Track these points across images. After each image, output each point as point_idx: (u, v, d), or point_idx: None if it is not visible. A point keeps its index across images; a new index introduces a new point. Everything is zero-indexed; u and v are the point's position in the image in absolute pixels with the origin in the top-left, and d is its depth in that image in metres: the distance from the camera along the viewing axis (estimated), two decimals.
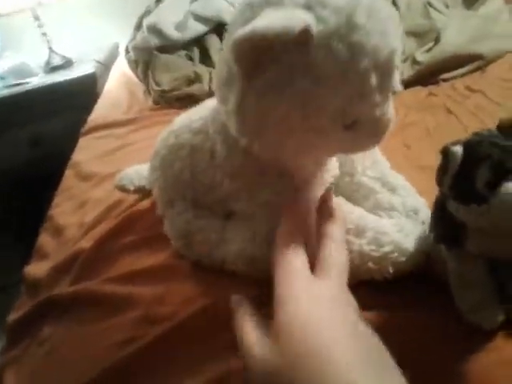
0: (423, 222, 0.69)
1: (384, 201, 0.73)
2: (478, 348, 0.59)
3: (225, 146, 0.63)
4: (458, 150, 0.55)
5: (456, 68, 1.34)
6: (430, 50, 1.37)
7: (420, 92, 1.33)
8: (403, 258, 0.64)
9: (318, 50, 0.46)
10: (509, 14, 1.49)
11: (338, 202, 0.67)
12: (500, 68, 1.33)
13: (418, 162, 0.99)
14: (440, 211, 0.62)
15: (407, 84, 1.35)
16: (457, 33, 1.37)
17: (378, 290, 0.66)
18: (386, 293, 0.66)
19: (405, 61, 1.38)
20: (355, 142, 0.55)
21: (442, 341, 0.61)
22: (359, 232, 0.64)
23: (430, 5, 1.45)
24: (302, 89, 0.46)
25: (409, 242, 0.65)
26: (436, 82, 1.35)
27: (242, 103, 0.50)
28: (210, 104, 0.71)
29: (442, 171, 0.57)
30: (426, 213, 0.70)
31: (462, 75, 1.34)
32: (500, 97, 1.20)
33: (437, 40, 1.37)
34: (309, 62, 0.46)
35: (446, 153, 0.56)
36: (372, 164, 0.75)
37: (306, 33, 0.45)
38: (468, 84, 1.29)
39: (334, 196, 0.67)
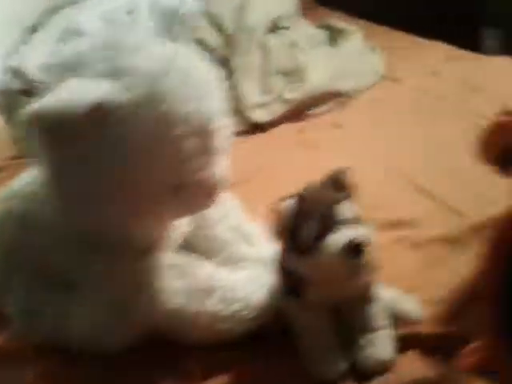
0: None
1: (239, 252, 0.73)
2: None
3: (54, 215, 0.59)
4: (288, 204, 0.57)
5: (322, 104, 1.41)
6: (296, 88, 1.42)
7: (290, 129, 1.37)
8: (253, 314, 0.63)
9: (125, 119, 0.44)
10: (369, 51, 1.61)
11: (188, 261, 0.66)
12: (361, 103, 1.42)
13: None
14: (281, 263, 0.62)
15: (278, 122, 1.39)
16: (321, 71, 1.44)
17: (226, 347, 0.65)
18: (236, 348, 0.65)
19: (274, 99, 1.42)
20: (184, 205, 0.55)
21: None
22: (209, 292, 0.63)
23: (295, 45, 1.52)
24: (107, 161, 0.44)
25: (259, 297, 0.64)
26: (304, 119, 1.40)
27: (53, 176, 0.48)
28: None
29: (276, 226, 0.58)
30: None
31: (328, 111, 1.41)
32: (360, 131, 1.28)
33: (302, 79, 1.43)
34: (117, 133, 0.44)
35: (277, 209, 0.57)
36: (226, 214, 0.75)
37: (105, 107, 0.43)
38: (333, 120, 1.36)
39: (182, 255, 0.66)
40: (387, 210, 0.95)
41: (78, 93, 0.43)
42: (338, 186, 0.59)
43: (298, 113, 1.40)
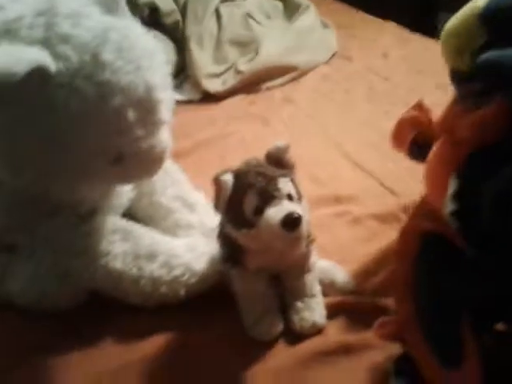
0: None
1: (182, 220, 0.74)
2: (257, 357, 0.64)
3: None
4: (229, 178, 0.59)
5: (275, 77, 1.42)
6: (251, 60, 1.42)
7: (242, 100, 1.38)
8: (195, 279, 0.66)
9: (59, 89, 0.44)
10: (321, 27, 1.62)
11: (131, 227, 0.67)
12: (313, 79, 1.44)
13: None
14: (222, 233, 0.65)
15: (231, 92, 1.39)
16: (275, 44, 1.45)
17: (170, 311, 0.67)
18: (179, 313, 0.68)
19: (228, 70, 1.42)
20: (126, 175, 0.55)
21: (228, 353, 0.65)
22: (150, 257, 0.65)
23: (251, 16, 1.51)
24: (47, 128, 0.45)
25: (201, 263, 0.67)
26: (258, 91, 1.41)
27: None
28: None
29: (216, 198, 0.60)
30: None
31: (281, 85, 1.42)
32: (311, 107, 1.31)
33: (257, 50, 1.43)
34: (51, 101, 0.44)
35: (217, 181, 0.59)
36: (171, 183, 0.76)
37: (40, 73, 0.43)
38: (285, 94, 1.38)
39: (126, 221, 0.66)
40: (329, 186, 0.99)
41: (12, 58, 0.42)
42: (277, 162, 0.61)
43: (250, 85, 1.41)
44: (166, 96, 0.55)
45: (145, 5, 1.42)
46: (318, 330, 0.66)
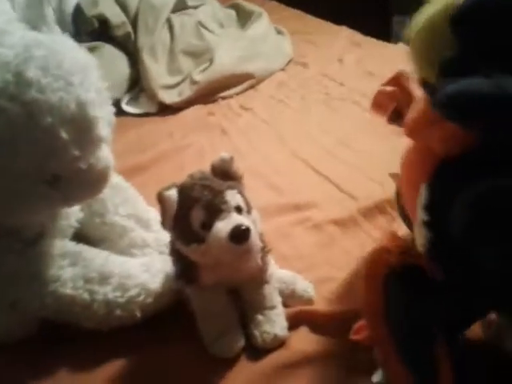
0: None
1: (137, 238, 0.72)
2: (221, 375, 0.62)
3: None
4: (173, 193, 0.57)
5: (231, 86, 1.41)
6: (205, 69, 1.41)
7: (199, 111, 1.37)
8: (150, 299, 0.63)
9: None
10: (276, 34, 1.63)
11: (80, 249, 0.64)
12: (269, 86, 1.44)
13: None
14: (173, 249, 0.63)
15: (188, 103, 1.38)
16: (229, 53, 1.44)
17: (126, 333, 0.65)
18: (136, 334, 0.66)
19: (183, 80, 1.41)
20: (68, 197, 0.53)
21: (191, 372, 0.63)
22: (103, 279, 0.62)
23: (203, 25, 1.50)
24: None
25: (157, 282, 0.65)
26: (214, 101, 1.40)
27: None
28: None
29: (162, 214, 0.58)
30: None
31: (237, 93, 1.41)
32: (268, 115, 1.30)
33: (211, 60, 1.42)
34: None
35: (161, 197, 0.57)
36: (123, 201, 0.74)
37: None
38: (241, 103, 1.37)
39: (75, 243, 0.64)
40: (288, 193, 0.99)
41: None
42: (224, 174, 0.60)
43: (207, 95, 1.40)
44: (103, 112, 0.52)
45: (94, 17, 1.39)
46: (280, 343, 0.64)
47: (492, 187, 0.41)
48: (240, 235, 0.54)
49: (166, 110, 1.39)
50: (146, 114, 1.39)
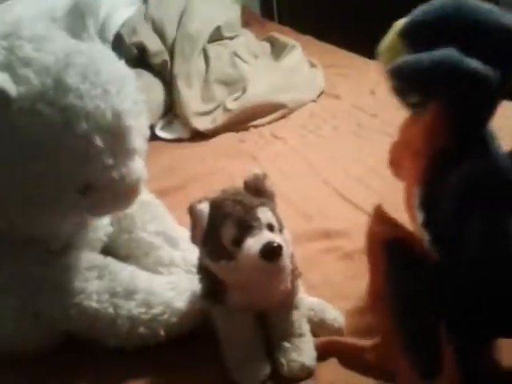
0: None
1: (164, 256, 0.71)
2: None
3: None
4: (205, 207, 0.56)
5: (263, 115, 1.42)
6: (238, 98, 1.43)
7: (231, 138, 1.38)
8: (175, 319, 0.62)
9: (20, 113, 0.42)
10: (309, 66, 1.65)
11: (108, 262, 0.64)
12: (301, 116, 1.45)
13: None
14: (201, 266, 0.62)
15: (220, 130, 1.39)
16: (262, 83, 1.46)
17: (149, 352, 0.63)
18: (159, 354, 0.64)
19: (216, 108, 1.43)
20: (98, 206, 0.53)
21: None
22: (128, 294, 0.61)
23: (237, 55, 1.53)
24: (7, 155, 0.42)
25: (182, 301, 0.63)
26: (246, 129, 1.41)
27: None
28: None
29: (192, 228, 0.57)
30: None
31: (269, 122, 1.42)
32: (299, 144, 1.30)
33: (244, 89, 1.44)
34: (11, 126, 0.42)
35: (192, 210, 0.56)
36: (153, 218, 0.74)
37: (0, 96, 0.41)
38: (273, 131, 1.38)
39: (103, 256, 0.63)
40: (318, 221, 0.97)
41: None
42: (256, 190, 0.59)
43: (239, 123, 1.41)
44: (138, 123, 0.53)
45: (133, 45, 1.44)
46: (307, 373, 0.61)
47: (473, 169, 0.48)
48: (272, 252, 0.52)
49: (198, 136, 1.40)
50: (179, 140, 1.41)
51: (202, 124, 1.40)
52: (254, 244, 0.53)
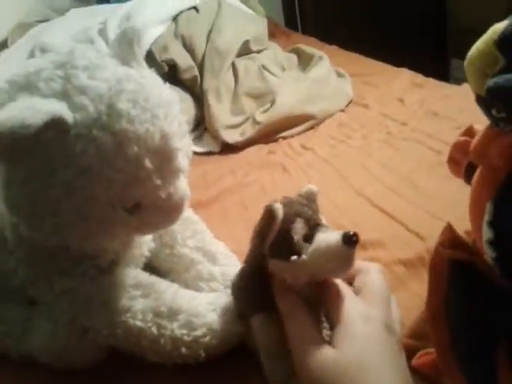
0: None
1: (204, 271, 0.72)
2: None
3: (14, 232, 0.58)
4: (280, 206, 0.58)
5: (292, 127, 1.44)
6: (267, 110, 1.45)
7: (261, 150, 1.39)
8: (216, 341, 0.62)
9: (77, 139, 0.44)
10: (336, 76, 1.65)
11: (153, 281, 0.65)
12: (330, 126, 1.45)
13: (253, 222, 1.02)
14: (249, 280, 0.62)
15: (250, 143, 1.41)
16: (290, 95, 1.47)
17: (191, 369, 0.64)
18: (200, 371, 0.65)
19: (246, 121, 1.45)
20: (145, 224, 0.54)
21: None
22: (172, 315, 0.62)
23: (266, 68, 1.55)
24: (64, 180, 0.45)
25: (223, 323, 0.63)
26: (275, 140, 1.43)
27: (8, 192, 0.47)
28: None
29: (264, 228, 0.57)
30: None
31: (298, 133, 1.43)
32: (329, 154, 1.31)
33: (273, 101, 1.46)
34: (69, 152, 0.44)
35: (270, 210, 0.57)
36: (193, 234, 0.75)
37: (57, 124, 0.43)
38: (302, 142, 1.39)
39: (148, 274, 0.65)
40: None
41: (28, 110, 0.43)
42: (310, 200, 0.60)
43: (268, 135, 1.42)
44: (183, 144, 0.55)
45: (164, 62, 1.48)
46: None
47: None
48: (353, 236, 0.53)
49: (228, 149, 1.43)
50: (209, 153, 1.44)
51: (231, 137, 1.43)
52: (329, 235, 0.54)
